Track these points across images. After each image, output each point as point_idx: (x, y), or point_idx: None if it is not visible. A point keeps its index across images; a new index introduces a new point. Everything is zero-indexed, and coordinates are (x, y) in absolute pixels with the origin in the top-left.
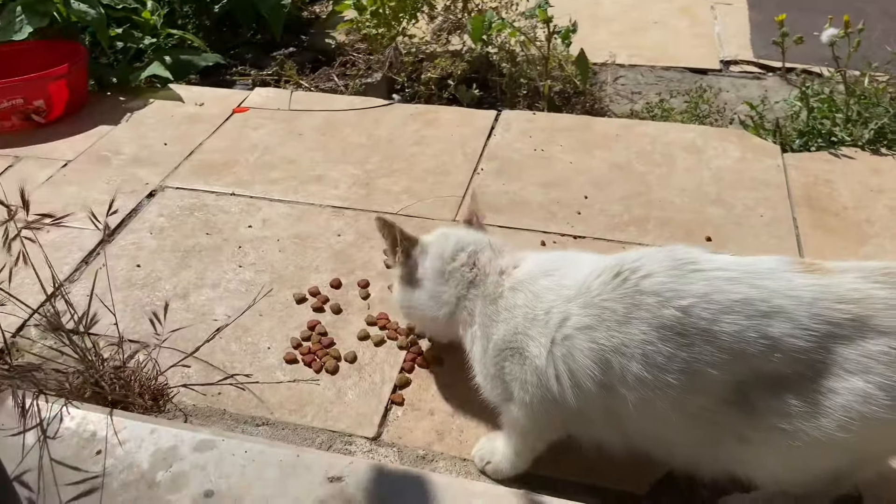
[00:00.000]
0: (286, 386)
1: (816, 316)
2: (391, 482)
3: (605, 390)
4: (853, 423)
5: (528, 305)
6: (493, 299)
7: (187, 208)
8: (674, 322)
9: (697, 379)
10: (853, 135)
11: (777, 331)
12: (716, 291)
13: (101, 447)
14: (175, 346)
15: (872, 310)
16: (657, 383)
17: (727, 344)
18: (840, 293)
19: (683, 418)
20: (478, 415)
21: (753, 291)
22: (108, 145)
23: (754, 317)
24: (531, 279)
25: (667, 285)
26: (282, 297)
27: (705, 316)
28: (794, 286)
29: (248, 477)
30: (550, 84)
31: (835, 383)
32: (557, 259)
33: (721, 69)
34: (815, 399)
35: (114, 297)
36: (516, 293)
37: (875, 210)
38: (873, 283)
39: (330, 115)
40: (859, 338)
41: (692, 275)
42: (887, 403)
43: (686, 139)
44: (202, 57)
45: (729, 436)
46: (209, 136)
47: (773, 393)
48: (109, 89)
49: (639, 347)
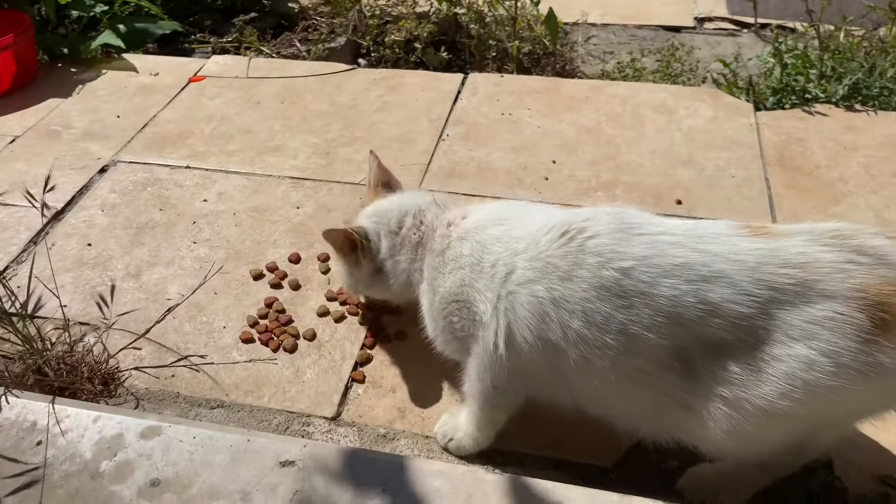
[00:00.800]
0: (242, 366)
1: (759, 281)
2: (347, 465)
3: (547, 347)
4: (796, 391)
5: (475, 255)
6: (441, 251)
7: (140, 183)
8: (612, 283)
9: (635, 341)
10: (827, 91)
11: (717, 296)
12: (657, 255)
13: (42, 437)
14: (127, 327)
15: (819, 274)
16: (596, 342)
17: (665, 308)
18: (785, 257)
19: (623, 380)
20: (441, 391)
21: (695, 255)
22: (59, 119)
23: (694, 281)
24: (479, 229)
25: (610, 247)
26: (238, 273)
27: (644, 279)
28: (738, 250)
29: (196, 464)
30: (519, 45)
31: (778, 350)
32: (508, 209)
33: (695, 26)
34: (757, 366)
35: (64, 277)
36: (463, 243)
37: (848, 168)
38: (821, 246)
39: (290, 81)
40: (804, 303)
41: (636, 238)
42: (832, 370)
43: (657, 99)
44: (159, 25)
45: (672, 402)
46: (164, 108)
47: (714, 359)
48: (61, 61)
49: (579, 305)
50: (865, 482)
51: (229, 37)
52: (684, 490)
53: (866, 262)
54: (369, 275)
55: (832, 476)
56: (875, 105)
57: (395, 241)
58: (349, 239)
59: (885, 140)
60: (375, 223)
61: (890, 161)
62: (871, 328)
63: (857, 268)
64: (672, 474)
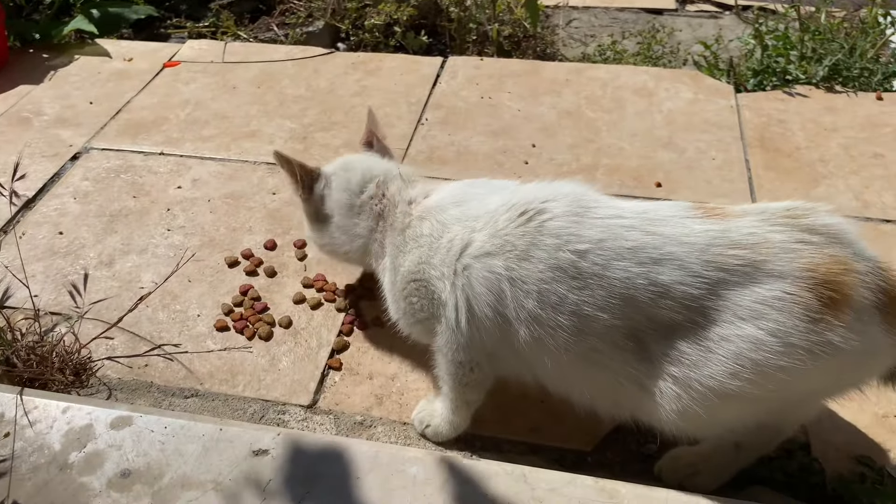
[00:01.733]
0: (217, 355)
1: (708, 263)
2: (320, 453)
3: (503, 322)
4: (745, 371)
5: (434, 235)
6: (402, 230)
7: (113, 170)
8: (568, 265)
9: (589, 322)
10: (807, 72)
11: (667, 278)
12: (611, 238)
13: (9, 429)
14: (100, 316)
15: (767, 254)
16: (550, 322)
17: (618, 290)
18: (735, 238)
19: (578, 360)
20: (418, 377)
21: (647, 238)
22: (29, 106)
23: (645, 263)
24: (440, 208)
25: (567, 229)
26: (213, 260)
27: (599, 261)
28: (689, 232)
29: (167, 454)
30: (499, 28)
31: (727, 330)
32: (470, 189)
33: (677, 9)
34: (707, 347)
35: (34, 266)
36: (423, 222)
37: (828, 149)
38: (771, 226)
39: (266, 66)
40: (752, 284)
41: (592, 221)
42: (779, 350)
43: (637, 82)
44: (133, 9)
45: (626, 382)
46: (138, 93)
47: (665, 340)
48: (32, 46)
49: (535, 285)
50: (843, 462)
51: (206, 21)
52: (662, 473)
53: (816, 242)
54: (311, 218)
55: (810, 457)
56: (855, 86)
57: (353, 202)
58: (291, 170)
59: (864, 121)
60: (334, 172)
61: (869, 142)
62: (820, 307)
63: (807, 247)
64: (651, 458)
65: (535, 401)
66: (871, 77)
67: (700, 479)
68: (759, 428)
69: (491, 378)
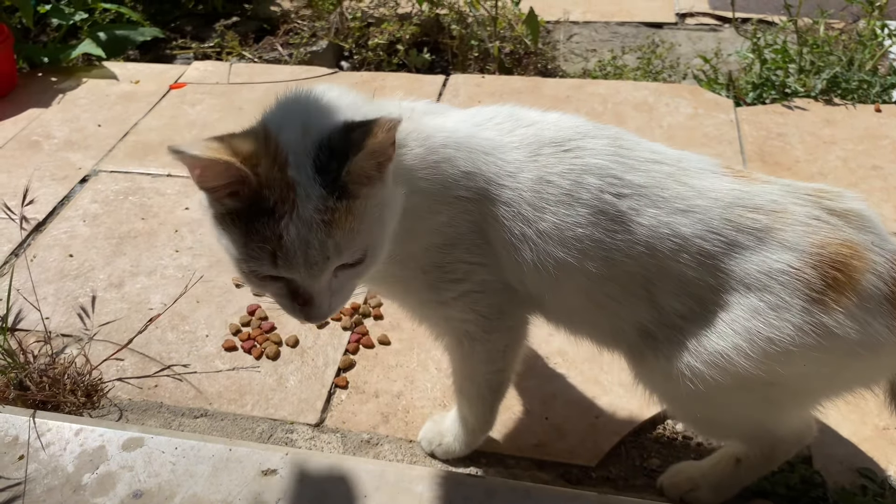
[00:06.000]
0: (225, 375)
1: (728, 221)
2: (328, 472)
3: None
4: (739, 337)
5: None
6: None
7: (122, 192)
8: (610, 207)
9: (614, 265)
10: (806, 85)
11: (688, 230)
12: (651, 185)
13: (23, 452)
14: (109, 338)
15: (783, 224)
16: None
17: (643, 238)
18: (758, 202)
19: (587, 301)
20: (423, 395)
21: (680, 188)
22: (39, 129)
23: (673, 214)
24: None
25: (611, 170)
26: (220, 281)
27: (635, 206)
28: (717, 188)
29: (178, 474)
30: (500, 45)
31: (730, 297)
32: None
33: (676, 22)
34: (708, 308)
35: (46, 289)
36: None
37: (827, 162)
38: (795, 198)
39: (272, 86)
40: (763, 250)
41: (632, 162)
42: (774, 323)
43: (638, 97)
44: (140, 31)
45: (631, 328)
46: (145, 115)
47: (675, 295)
48: (41, 70)
49: (571, 230)
50: (845, 475)
51: (211, 42)
52: (664, 488)
53: (834, 223)
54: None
55: (812, 470)
56: (854, 98)
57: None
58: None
59: (863, 133)
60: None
61: (868, 154)
62: (822, 287)
63: (824, 225)
64: (653, 472)
65: (539, 417)
66: (870, 89)
67: (701, 495)
68: (756, 435)
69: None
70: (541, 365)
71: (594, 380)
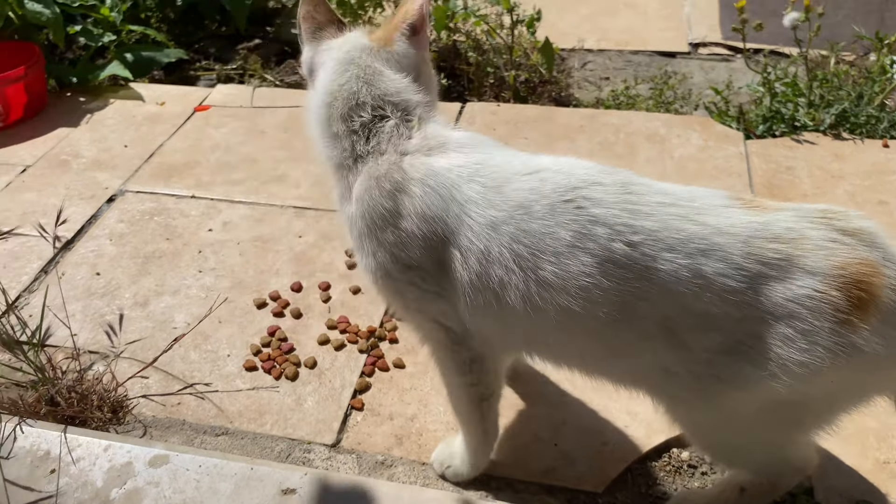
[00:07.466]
0: (245, 394)
1: (749, 255)
2: (345, 492)
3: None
4: (769, 363)
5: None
6: (391, 192)
7: (147, 213)
8: (621, 256)
9: (626, 309)
10: (815, 119)
11: (710, 269)
12: (664, 228)
13: (55, 466)
14: (135, 355)
15: (804, 250)
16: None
17: (661, 281)
18: (775, 232)
19: (598, 345)
20: (436, 419)
21: (695, 228)
22: (68, 148)
23: (693, 255)
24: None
25: (621, 218)
26: (242, 302)
27: (649, 252)
28: (733, 223)
29: (202, 491)
30: (516, 74)
31: (757, 326)
32: (488, 157)
33: (689, 52)
34: (740, 339)
35: (73, 306)
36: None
37: (834, 196)
38: (809, 222)
39: (293, 111)
40: (787, 278)
41: (643, 207)
42: (804, 347)
43: (650, 128)
44: (165, 53)
45: (651, 367)
46: (170, 137)
47: (700, 331)
48: (69, 89)
49: (575, 280)
50: None
51: (234, 64)
52: None
53: (850, 243)
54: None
55: (813, 501)
56: (862, 133)
57: (329, 125)
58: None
59: (870, 168)
60: (333, 64)
61: (874, 189)
62: (848, 307)
63: (841, 247)
64: (658, 499)
65: (548, 443)
66: (878, 124)
67: None
68: (768, 461)
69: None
70: (551, 391)
71: (603, 407)
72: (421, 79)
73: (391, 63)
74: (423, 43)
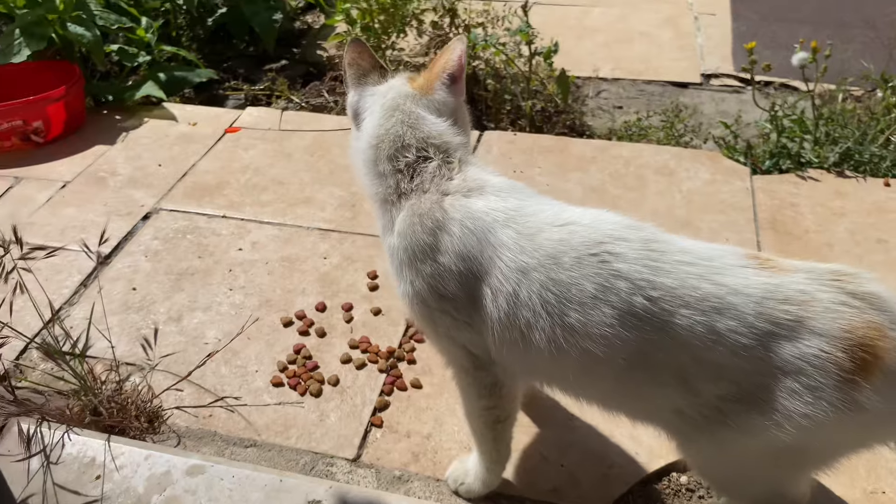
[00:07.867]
0: (273, 408)
1: (761, 315)
2: None
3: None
4: (775, 413)
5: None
6: (431, 229)
7: (180, 231)
8: (640, 310)
9: (644, 356)
10: (820, 156)
11: (723, 326)
12: (682, 286)
13: (99, 472)
14: (168, 368)
15: (813, 312)
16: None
17: (676, 335)
18: (787, 294)
19: (614, 387)
20: (450, 437)
21: (712, 288)
22: (105, 166)
23: (707, 312)
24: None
25: (642, 274)
26: (269, 320)
27: (668, 308)
28: (748, 284)
29: (235, 500)
30: (532, 103)
31: (769, 379)
32: (524, 202)
33: (702, 83)
34: (749, 390)
35: (111, 319)
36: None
37: (836, 233)
38: (820, 285)
39: (318, 135)
40: (795, 338)
41: (663, 265)
42: (809, 401)
43: (659, 161)
44: (196, 73)
45: (665, 410)
46: (202, 157)
47: (712, 381)
48: (105, 107)
49: (597, 328)
50: None
51: (261, 85)
52: None
53: (858, 306)
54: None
55: None
56: (865, 171)
57: (376, 164)
58: (357, 51)
59: (871, 206)
60: (378, 109)
61: (874, 227)
62: (852, 367)
63: (849, 310)
64: None
65: (556, 464)
66: (881, 163)
67: None
68: (769, 496)
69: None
70: (560, 416)
71: (608, 432)
72: (458, 122)
73: (432, 109)
74: (460, 90)
